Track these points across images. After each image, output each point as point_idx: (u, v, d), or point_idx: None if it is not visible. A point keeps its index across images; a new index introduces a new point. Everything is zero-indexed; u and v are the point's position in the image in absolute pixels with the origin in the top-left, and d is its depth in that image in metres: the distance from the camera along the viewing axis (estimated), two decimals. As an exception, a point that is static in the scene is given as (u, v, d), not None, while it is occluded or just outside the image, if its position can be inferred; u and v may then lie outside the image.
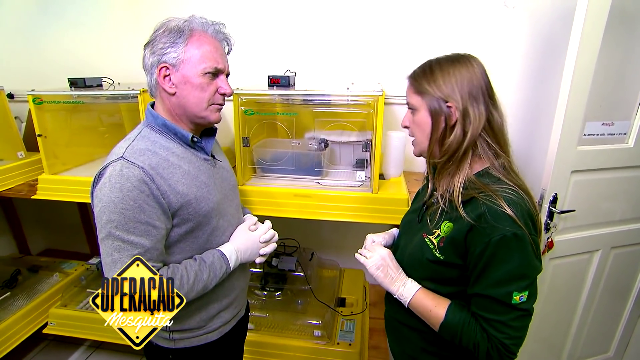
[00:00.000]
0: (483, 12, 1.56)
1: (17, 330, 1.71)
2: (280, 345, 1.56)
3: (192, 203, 0.85)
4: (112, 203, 0.75)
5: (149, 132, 0.86)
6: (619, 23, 1.29)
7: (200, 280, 0.85)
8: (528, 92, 1.60)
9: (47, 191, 1.61)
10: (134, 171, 0.77)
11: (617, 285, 1.60)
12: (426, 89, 0.79)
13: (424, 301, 0.82)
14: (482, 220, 0.72)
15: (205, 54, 0.82)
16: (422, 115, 0.81)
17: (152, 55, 0.82)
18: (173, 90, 0.83)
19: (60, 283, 1.95)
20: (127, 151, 0.80)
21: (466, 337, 0.76)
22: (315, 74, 1.76)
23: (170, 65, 0.81)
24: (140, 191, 0.77)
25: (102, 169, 0.79)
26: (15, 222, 2.27)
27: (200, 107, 0.86)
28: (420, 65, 0.84)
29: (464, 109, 0.76)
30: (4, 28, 2.00)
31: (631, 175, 1.41)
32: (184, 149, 0.88)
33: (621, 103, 1.39)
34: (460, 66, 0.78)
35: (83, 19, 1.89)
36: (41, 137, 1.55)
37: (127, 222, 0.76)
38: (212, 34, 0.85)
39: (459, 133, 0.77)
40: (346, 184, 1.43)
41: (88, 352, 2.02)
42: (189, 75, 0.82)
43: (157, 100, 0.88)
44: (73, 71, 1.74)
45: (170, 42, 0.80)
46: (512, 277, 0.72)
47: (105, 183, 0.76)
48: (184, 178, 0.84)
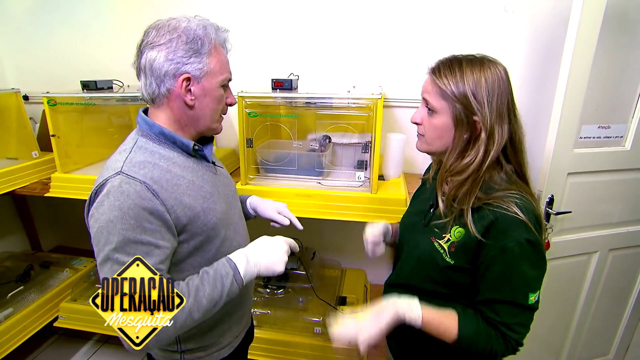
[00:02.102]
0: (483, 16, 1.58)
1: (30, 322, 1.77)
2: (281, 341, 1.60)
3: (200, 216, 0.80)
4: (111, 223, 0.68)
5: (146, 142, 0.79)
6: (616, 27, 1.30)
7: (203, 296, 0.74)
8: (528, 95, 1.62)
9: (59, 189, 1.68)
10: (135, 187, 0.71)
11: (616, 287, 1.61)
12: (454, 94, 0.73)
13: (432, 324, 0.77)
14: (496, 226, 0.72)
15: (222, 65, 0.81)
16: (442, 121, 0.76)
17: (168, 62, 0.75)
18: (193, 102, 0.79)
19: (71, 278, 2.01)
20: (126, 165, 0.73)
21: (482, 346, 0.76)
22: (317, 77, 1.80)
23: (194, 76, 0.76)
24: (142, 208, 0.70)
25: (98, 186, 0.72)
26: (28, 220, 2.35)
27: (213, 119, 0.84)
28: (446, 61, 0.77)
29: (491, 127, 0.72)
30: (19, 32, 2.08)
31: (629, 177, 1.42)
32: (184, 158, 0.82)
33: (618, 106, 1.40)
34: (491, 75, 0.72)
35: (93, 23, 1.96)
36: (55, 138, 1.62)
37: (127, 243, 0.69)
38: (221, 42, 0.82)
39: (481, 152, 0.73)
40: (346, 184, 1.47)
41: (96, 347, 2.08)
42: (210, 88, 0.79)
43: (161, 109, 0.80)
44: (84, 74, 1.80)
45: (193, 52, 0.75)
46: (529, 281, 0.73)
47: (103, 202, 0.70)
48: (189, 189, 0.79)
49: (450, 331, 0.76)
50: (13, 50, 2.12)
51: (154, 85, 0.77)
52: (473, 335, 0.75)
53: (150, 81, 0.77)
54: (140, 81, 0.79)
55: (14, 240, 2.33)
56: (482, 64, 0.74)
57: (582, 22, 1.12)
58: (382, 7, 1.66)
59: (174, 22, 0.76)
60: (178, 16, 0.77)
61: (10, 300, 1.80)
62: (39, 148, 1.87)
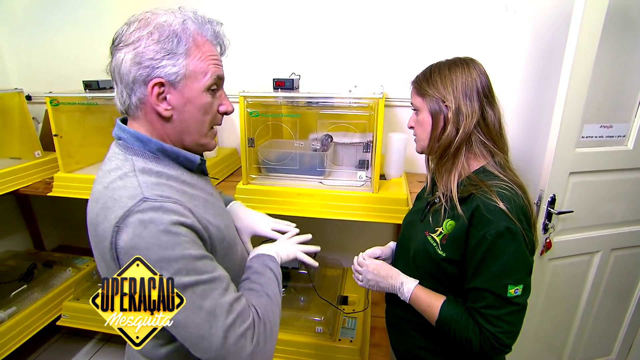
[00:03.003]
0: (484, 16, 1.58)
1: (33, 321, 1.78)
2: (283, 340, 1.60)
3: (224, 233, 0.72)
4: (166, 250, 0.57)
5: (144, 162, 0.65)
6: (618, 26, 1.30)
7: (272, 293, 0.72)
8: (529, 95, 1.62)
9: (62, 188, 1.69)
10: (172, 206, 0.59)
11: (619, 287, 1.60)
12: (427, 91, 0.86)
13: (421, 298, 0.86)
14: (477, 215, 0.76)
15: (207, 65, 0.66)
16: (424, 116, 0.88)
17: (136, 66, 0.61)
18: (169, 113, 0.65)
19: (73, 277, 2.02)
20: (144, 189, 0.60)
21: (459, 332, 0.79)
22: (318, 77, 1.80)
23: (168, 82, 0.63)
24: (186, 226, 0.60)
25: (119, 221, 0.57)
26: (31, 219, 2.36)
27: (201, 133, 0.70)
28: (422, 70, 0.91)
29: (457, 107, 0.82)
30: (21, 31, 2.09)
31: (631, 177, 1.42)
32: (190, 176, 0.71)
33: (620, 106, 1.40)
34: (456, 69, 0.84)
35: (96, 22, 1.96)
36: (57, 137, 1.63)
37: (194, 261, 0.59)
38: (210, 37, 0.68)
39: (452, 129, 0.83)
40: (348, 184, 1.47)
41: (98, 345, 2.10)
42: (191, 95, 0.65)
43: (139, 123, 0.67)
44: (87, 73, 1.80)
45: (166, 52, 0.62)
46: (507, 270, 0.74)
47: (141, 234, 0.56)
48: (207, 207, 0.69)
49: (433, 310, 0.83)
50: (16, 49, 2.13)
51: (124, 94, 0.64)
52: (451, 319, 0.81)
53: (121, 89, 0.65)
54: (115, 89, 0.67)
55: (17, 239, 2.34)
56: (451, 62, 0.86)
57: (584, 21, 1.12)
58: (383, 7, 1.66)
59: (148, 15, 0.64)
60: (159, 8, 0.65)
61: (14, 299, 1.80)
62: (42, 148, 1.88)
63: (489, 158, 0.84)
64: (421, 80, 0.89)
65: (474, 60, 0.86)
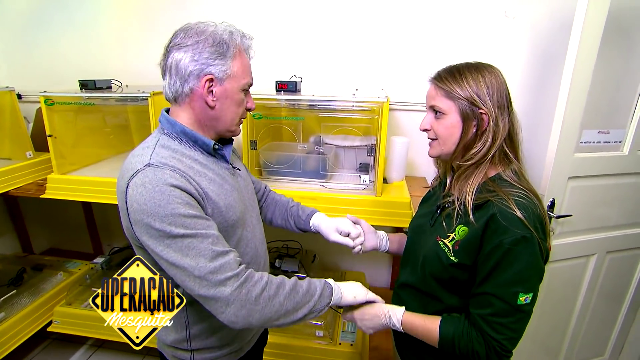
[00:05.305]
0: (484, 22, 1.60)
1: (23, 327, 1.73)
2: (283, 345, 1.59)
3: (223, 211, 0.82)
4: (159, 207, 0.69)
5: (168, 140, 0.81)
6: (615, 34, 1.33)
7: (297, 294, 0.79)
8: (528, 100, 1.64)
9: (55, 190, 1.64)
10: (168, 172, 0.73)
11: (612, 289, 1.64)
12: (459, 93, 0.79)
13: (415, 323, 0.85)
14: (494, 222, 0.74)
15: (245, 70, 0.83)
16: (451, 119, 0.81)
17: (193, 62, 0.77)
18: (214, 103, 0.81)
19: (65, 282, 1.97)
20: (153, 158, 0.75)
21: (464, 347, 0.78)
22: (321, 79, 1.80)
23: (217, 78, 0.79)
24: (182, 190, 0.72)
25: (128, 179, 0.73)
26: (19, 221, 2.29)
27: (233, 122, 0.86)
28: (446, 69, 0.84)
29: (496, 116, 0.78)
30: (12, 30, 2.03)
31: (626, 182, 1.45)
32: (205, 157, 0.84)
33: (617, 112, 1.43)
34: (488, 74, 0.80)
35: (90, 21, 1.92)
36: (51, 138, 1.58)
37: (183, 218, 0.70)
38: (245, 49, 0.85)
39: (489, 140, 0.79)
40: (350, 187, 1.47)
41: (90, 352, 2.04)
42: (231, 91, 0.81)
43: (182, 108, 0.83)
44: (81, 73, 1.77)
45: (218, 54, 0.78)
46: (520, 278, 0.73)
47: (142, 193, 0.70)
48: (212, 185, 0.81)
49: (432, 333, 0.82)
50: (7, 48, 2.07)
51: (178, 84, 0.79)
52: (453, 336, 0.79)
53: (175, 80, 0.79)
54: (165, 80, 0.81)
55: (4, 242, 2.27)
56: (478, 67, 0.82)
57: (585, 30, 1.14)
58: (385, 12, 1.66)
59: (202, 25, 0.80)
60: (205, 21, 0.82)
61: (3, 305, 1.74)
62: (34, 148, 1.83)
63: (505, 166, 0.83)
64: (449, 81, 0.80)
65: (497, 68, 0.82)
